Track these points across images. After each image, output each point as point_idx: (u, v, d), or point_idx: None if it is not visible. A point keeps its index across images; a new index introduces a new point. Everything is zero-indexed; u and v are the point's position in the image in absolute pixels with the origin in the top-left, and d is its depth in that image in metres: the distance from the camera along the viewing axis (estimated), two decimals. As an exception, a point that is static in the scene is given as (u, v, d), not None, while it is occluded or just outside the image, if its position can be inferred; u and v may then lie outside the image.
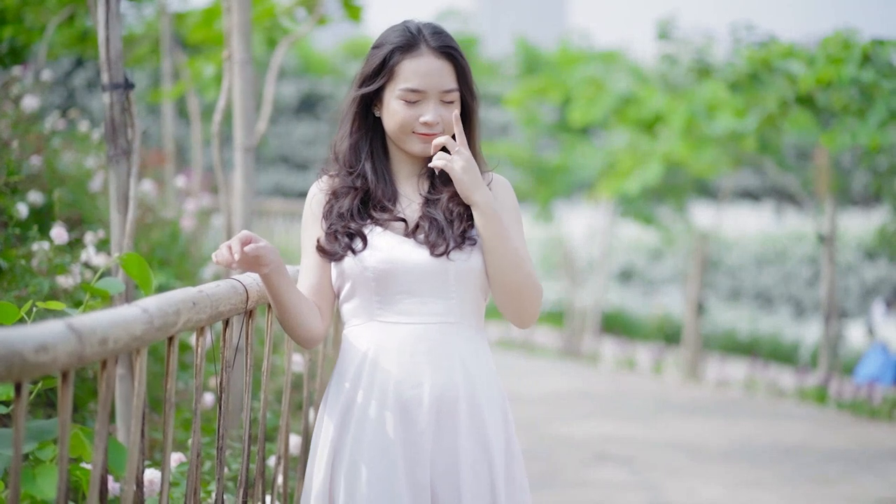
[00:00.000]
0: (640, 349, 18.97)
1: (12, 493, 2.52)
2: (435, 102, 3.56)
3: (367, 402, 3.55)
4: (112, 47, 5.11)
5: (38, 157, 8.22)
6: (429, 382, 3.52)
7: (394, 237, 3.57)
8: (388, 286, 3.55)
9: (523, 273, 3.51)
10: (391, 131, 3.60)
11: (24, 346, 2.41)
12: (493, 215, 3.49)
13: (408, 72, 3.55)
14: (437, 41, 3.58)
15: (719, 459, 9.99)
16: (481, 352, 3.62)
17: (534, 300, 3.56)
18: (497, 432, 3.57)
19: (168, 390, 3.38)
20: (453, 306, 3.56)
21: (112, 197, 5.13)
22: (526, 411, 12.88)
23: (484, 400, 3.56)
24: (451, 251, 3.52)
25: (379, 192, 3.62)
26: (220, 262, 3.44)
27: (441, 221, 3.56)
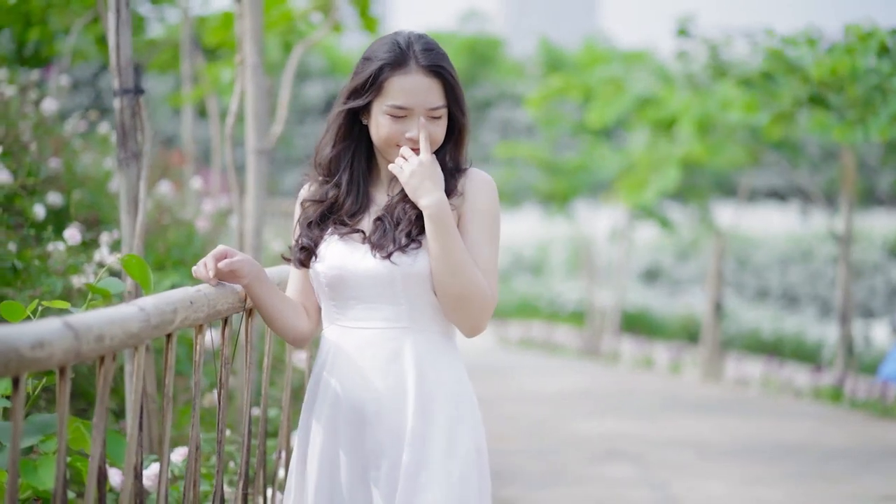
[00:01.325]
0: (661, 349, 19.04)
1: (10, 484, 2.64)
2: (421, 118, 3.58)
3: (323, 403, 3.68)
4: (122, 53, 5.24)
5: (58, 159, 8.36)
6: (379, 386, 3.59)
7: (347, 245, 3.62)
8: (340, 292, 3.64)
9: (465, 280, 3.51)
10: (377, 142, 3.64)
11: (20, 343, 2.52)
12: (438, 220, 3.49)
13: (395, 89, 3.56)
14: (426, 59, 3.59)
15: (727, 457, 10.09)
16: (442, 355, 3.64)
17: (477, 309, 3.54)
18: (452, 442, 3.56)
19: (166, 385, 3.51)
20: (402, 311, 3.59)
21: (122, 199, 5.27)
22: (539, 409, 13.02)
23: (437, 403, 3.58)
24: (394, 254, 3.54)
25: (347, 205, 3.68)
26: (198, 276, 3.59)
27: (387, 224, 3.59)
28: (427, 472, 3.53)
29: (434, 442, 3.55)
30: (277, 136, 7.41)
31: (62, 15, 14.60)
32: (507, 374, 16.53)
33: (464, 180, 3.67)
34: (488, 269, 3.59)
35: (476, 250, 3.59)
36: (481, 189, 3.66)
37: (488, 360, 18.57)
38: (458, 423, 3.60)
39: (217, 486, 3.87)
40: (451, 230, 3.50)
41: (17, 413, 2.65)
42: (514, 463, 9.79)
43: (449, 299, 3.54)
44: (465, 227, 3.61)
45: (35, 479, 3.21)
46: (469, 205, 3.62)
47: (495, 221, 3.66)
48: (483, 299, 3.54)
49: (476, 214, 3.62)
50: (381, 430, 3.60)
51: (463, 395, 3.65)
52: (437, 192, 3.51)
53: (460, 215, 3.62)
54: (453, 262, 3.49)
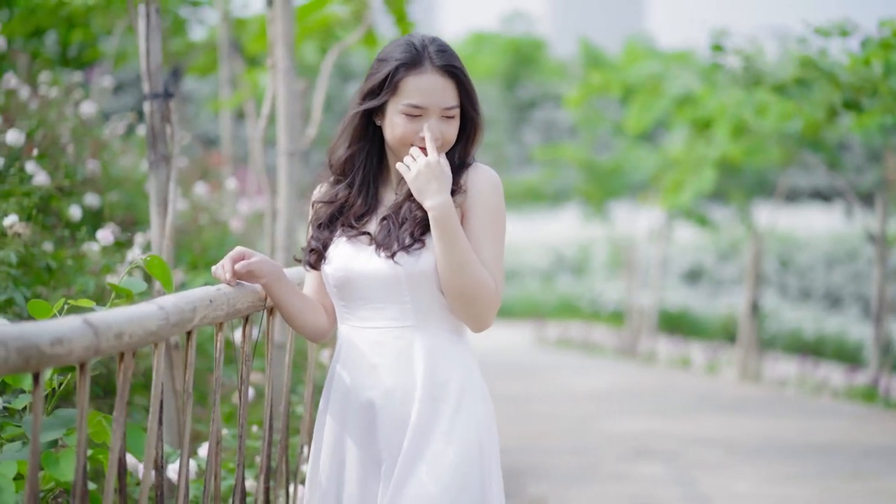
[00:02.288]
0: (699, 349, 19.06)
1: (31, 476, 2.76)
2: (436, 118, 3.64)
3: (336, 399, 3.77)
4: (152, 59, 5.38)
5: (95, 161, 8.50)
6: (386, 384, 3.67)
7: (354, 247, 3.69)
8: (347, 293, 3.71)
9: (469, 279, 3.56)
10: (391, 142, 3.68)
11: (40, 339, 2.64)
12: (442, 221, 3.54)
13: (411, 88, 3.62)
14: (440, 60, 3.65)
15: (756, 455, 10.15)
16: (447, 351, 3.69)
17: (483, 306, 3.61)
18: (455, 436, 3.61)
19: (186, 381, 3.64)
20: (408, 310, 3.65)
21: (152, 201, 5.41)
22: (574, 408, 13.12)
23: (446, 402, 3.64)
24: (398, 253, 3.60)
25: (356, 206, 3.74)
26: (217, 277, 3.71)
27: (392, 224, 3.65)
28: (423, 458, 3.59)
29: (434, 432, 3.61)
30: (312, 138, 7.52)
31: (104, 17, 14.73)
32: (544, 374, 16.62)
33: (467, 176, 3.71)
34: (493, 266, 3.63)
35: (480, 247, 3.63)
36: (485, 185, 3.69)
37: (526, 360, 18.67)
38: (461, 415, 3.63)
39: (238, 480, 3.98)
40: (455, 231, 3.55)
41: (38, 406, 2.76)
42: (547, 460, 9.90)
43: (455, 297, 3.59)
44: (469, 224, 3.65)
45: (57, 472, 3.33)
46: (472, 201, 3.67)
47: (499, 217, 3.70)
48: (488, 296, 3.60)
49: (479, 211, 3.66)
50: (389, 427, 3.66)
51: (470, 389, 3.69)
52: (442, 194, 3.56)
53: (464, 211, 3.66)
54: (458, 261, 3.54)
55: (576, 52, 30.89)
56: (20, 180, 6.33)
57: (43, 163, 6.93)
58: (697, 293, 25.91)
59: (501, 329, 25.08)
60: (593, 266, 28.86)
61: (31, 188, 6.10)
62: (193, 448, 5.53)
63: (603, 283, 26.74)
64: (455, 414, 3.63)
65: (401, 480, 3.59)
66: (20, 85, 8.16)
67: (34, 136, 7.71)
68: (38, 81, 9.30)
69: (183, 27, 16.25)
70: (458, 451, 3.60)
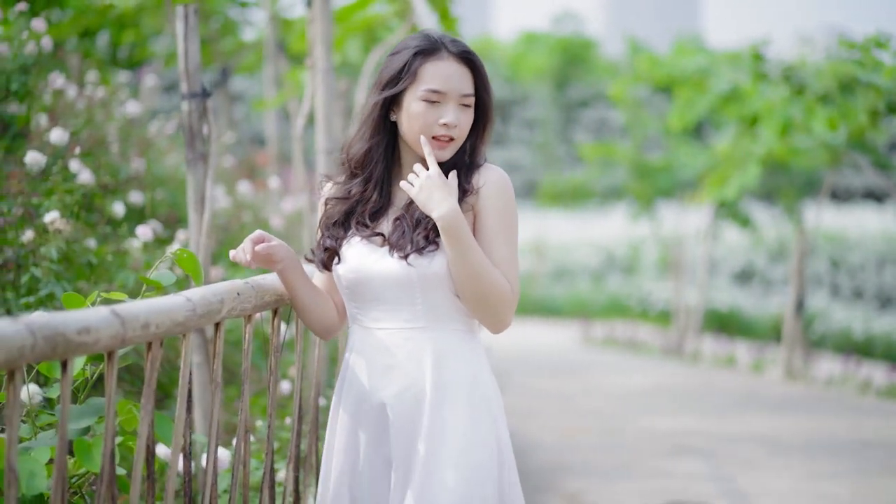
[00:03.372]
0: (746, 348, 19.05)
1: (58, 462, 2.87)
2: (454, 105, 3.66)
3: (348, 398, 3.80)
4: (190, 59, 5.50)
5: (141, 159, 8.65)
6: (397, 384, 3.68)
7: (367, 247, 3.71)
8: (359, 294, 3.73)
9: (484, 282, 3.58)
10: (410, 134, 3.69)
11: (67, 328, 2.74)
12: (451, 229, 3.55)
13: (430, 74, 3.65)
14: (456, 47, 3.69)
15: (796, 453, 10.19)
16: (461, 352, 3.71)
17: (499, 307, 3.63)
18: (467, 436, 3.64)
19: (215, 371, 3.75)
20: (419, 312, 3.66)
21: (190, 198, 5.53)
22: (616, 405, 13.19)
23: (457, 402, 3.66)
24: (412, 255, 3.61)
25: (369, 204, 3.76)
26: (237, 260, 3.78)
27: (407, 225, 3.67)
28: (442, 463, 3.60)
29: (449, 435, 3.62)
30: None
31: (154, 17, 14.90)
32: (588, 372, 16.68)
33: (478, 177, 3.71)
34: (506, 266, 3.65)
35: (493, 248, 3.65)
36: (495, 186, 3.70)
37: (570, 359, 18.74)
38: (474, 416, 3.66)
39: (266, 469, 4.10)
40: (465, 237, 3.57)
41: (65, 392, 2.88)
42: (586, 457, 9.97)
43: (471, 301, 3.62)
44: (481, 225, 3.68)
45: (87, 458, 3.45)
46: (484, 202, 3.68)
47: (511, 218, 3.70)
48: (504, 298, 3.62)
49: (491, 212, 3.68)
50: (401, 428, 3.68)
51: (481, 388, 3.71)
52: (446, 203, 3.57)
53: (476, 213, 3.68)
54: (471, 267, 3.57)
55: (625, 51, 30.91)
56: (64, 178, 6.48)
57: (87, 161, 7.08)
58: (749, 293, 25.85)
59: (548, 328, 25.15)
60: (643, 265, 28.85)
61: (74, 186, 6.23)
62: (229, 438, 5.64)
63: (652, 283, 26.74)
64: (468, 417, 3.65)
65: (422, 485, 3.60)
66: (67, 85, 8.31)
67: (80, 135, 7.86)
68: (85, 81, 9.45)
69: (233, 28, 16.42)
70: (475, 455, 3.63)
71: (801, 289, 16.41)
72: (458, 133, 3.69)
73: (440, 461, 3.61)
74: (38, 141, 7.16)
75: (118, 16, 14.83)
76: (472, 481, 3.60)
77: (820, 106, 13.04)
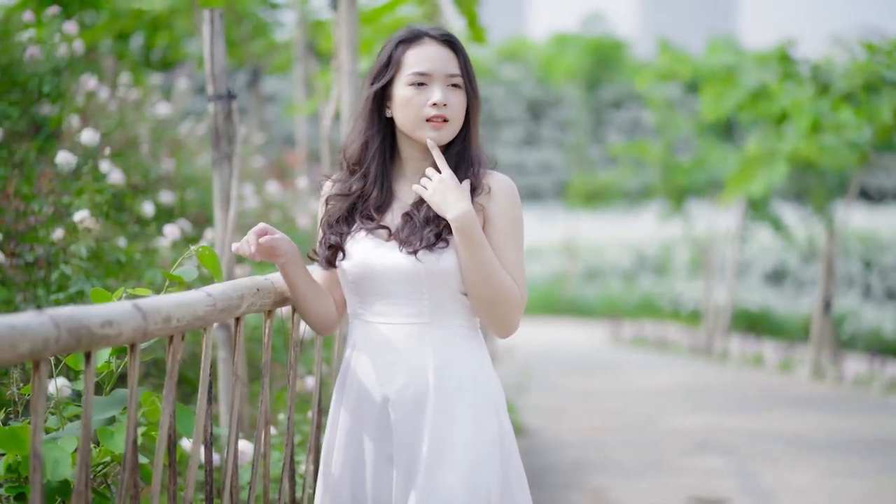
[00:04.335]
0: (776, 348, 19.09)
1: (82, 449, 3.00)
2: (441, 86, 3.69)
3: (350, 394, 3.80)
4: (216, 62, 5.63)
5: (171, 159, 8.80)
6: (400, 380, 3.70)
7: (373, 241, 3.73)
8: (364, 288, 3.74)
9: (495, 285, 3.62)
10: (404, 123, 3.73)
11: (90, 321, 2.85)
12: (465, 231, 3.59)
13: (413, 59, 3.70)
14: (437, 32, 3.74)
15: (818, 450, 10.28)
16: (464, 349, 3.73)
17: (508, 310, 3.66)
18: (470, 430, 3.66)
19: (236, 364, 3.87)
20: (425, 307, 3.68)
21: (216, 197, 5.66)
22: (642, 403, 13.29)
23: (461, 398, 3.68)
24: (421, 251, 3.64)
25: (372, 198, 3.78)
26: (240, 252, 3.82)
27: (418, 221, 3.69)
28: (446, 460, 3.62)
29: (453, 432, 3.64)
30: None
31: (187, 19, 15.03)
32: (616, 371, 16.78)
33: (487, 179, 3.76)
34: (515, 271, 3.69)
35: (503, 253, 3.69)
36: (506, 192, 3.75)
37: (599, 358, 18.83)
38: (477, 413, 3.69)
39: (286, 460, 4.22)
40: (479, 239, 3.61)
41: (89, 383, 3.00)
42: (611, 454, 10.09)
43: (481, 303, 3.65)
44: (491, 231, 3.70)
45: (111, 445, 3.58)
46: (494, 208, 3.72)
47: (519, 224, 3.76)
48: (513, 301, 3.66)
49: (500, 219, 3.72)
50: (403, 424, 3.69)
51: (483, 384, 3.74)
52: (460, 205, 3.61)
53: (486, 218, 3.72)
54: (483, 269, 3.61)
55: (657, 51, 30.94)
56: (94, 178, 6.63)
57: (118, 161, 7.23)
58: (781, 294, 25.87)
59: (578, 328, 25.24)
60: (675, 266, 28.90)
61: (104, 186, 6.37)
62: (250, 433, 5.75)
63: (684, 283, 26.79)
64: (471, 415, 3.68)
65: (426, 483, 3.62)
66: (100, 86, 8.46)
67: (111, 136, 8.01)
68: (118, 83, 9.60)
69: (264, 29, 16.56)
70: (479, 452, 3.65)
71: (828, 289, 16.44)
72: (451, 113, 3.71)
73: (444, 458, 3.63)
74: (69, 142, 7.31)
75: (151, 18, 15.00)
76: (476, 477, 3.63)
77: (844, 105, 13.09)
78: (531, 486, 8.65)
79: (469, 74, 3.76)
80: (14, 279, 5.87)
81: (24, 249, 5.93)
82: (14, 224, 6.05)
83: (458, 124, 3.75)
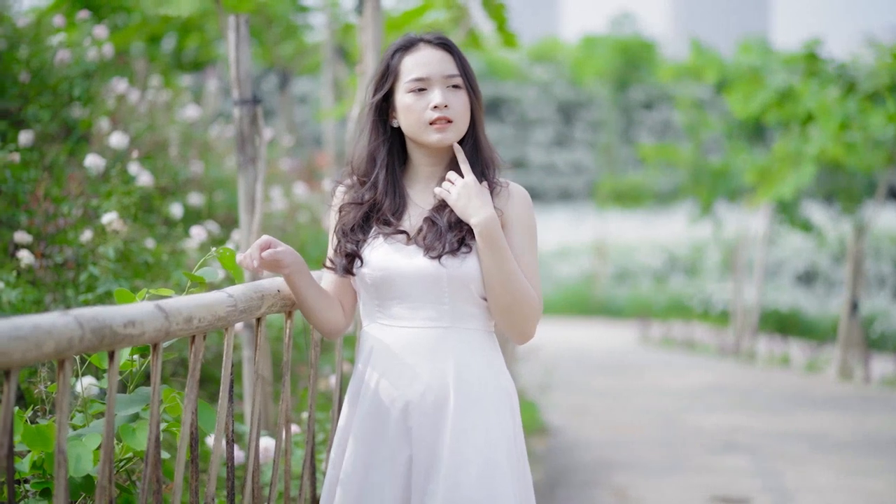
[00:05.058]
0: (803, 348, 19.09)
1: (106, 442, 3.10)
2: (440, 88, 3.72)
3: (366, 400, 3.79)
4: (241, 67, 5.73)
5: (200, 161, 8.91)
6: (420, 383, 3.71)
7: (392, 246, 3.75)
8: (385, 292, 3.76)
9: (515, 290, 3.66)
10: (409, 129, 3.77)
11: (113, 321, 2.95)
12: (489, 236, 3.64)
13: (410, 65, 3.74)
14: (431, 36, 3.78)
15: (842, 449, 10.34)
16: (481, 352, 3.77)
17: (527, 315, 3.71)
18: (493, 431, 3.71)
19: (257, 363, 3.97)
20: (446, 311, 3.72)
21: (241, 200, 5.76)
22: (668, 403, 13.37)
23: (480, 400, 3.71)
24: (445, 256, 3.67)
25: (386, 204, 3.80)
26: (244, 266, 3.83)
27: (441, 226, 3.72)
28: (468, 461, 3.65)
29: (475, 434, 3.68)
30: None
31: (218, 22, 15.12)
32: (643, 371, 16.85)
33: (505, 193, 3.79)
34: (533, 276, 3.75)
35: (521, 259, 3.74)
36: (523, 201, 3.81)
37: (627, 358, 18.89)
38: (496, 415, 3.73)
39: (306, 457, 4.31)
40: (501, 244, 3.66)
41: (112, 380, 3.10)
42: (635, 452, 10.17)
43: (501, 308, 3.69)
44: (510, 236, 3.75)
45: (134, 441, 3.68)
46: (512, 215, 3.76)
47: (535, 230, 3.81)
48: (532, 307, 3.71)
49: (517, 227, 3.76)
50: (421, 424, 3.72)
51: (501, 387, 3.79)
52: (484, 210, 3.66)
53: (504, 224, 3.76)
54: (505, 274, 3.65)
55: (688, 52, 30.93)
56: (123, 181, 6.74)
57: (147, 164, 7.34)
58: (812, 294, 25.86)
59: (607, 329, 25.28)
60: (705, 266, 28.90)
61: (133, 188, 6.47)
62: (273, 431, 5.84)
63: (714, 284, 26.79)
64: (492, 413, 3.73)
65: (447, 484, 3.66)
66: (130, 89, 8.58)
67: (141, 139, 8.13)
68: (148, 85, 9.71)
69: (295, 32, 16.67)
70: (494, 453, 3.69)
71: (856, 289, 16.46)
72: (454, 113, 3.74)
73: (466, 459, 3.66)
74: (98, 145, 7.43)
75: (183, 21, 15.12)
76: (495, 478, 3.67)
77: (870, 104, 13.13)
78: (555, 485, 8.77)
79: (468, 74, 3.79)
80: (44, 280, 5.99)
81: (54, 251, 6.05)
82: (44, 226, 6.17)
83: (464, 124, 3.78)
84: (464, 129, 3.79)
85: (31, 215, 6.25)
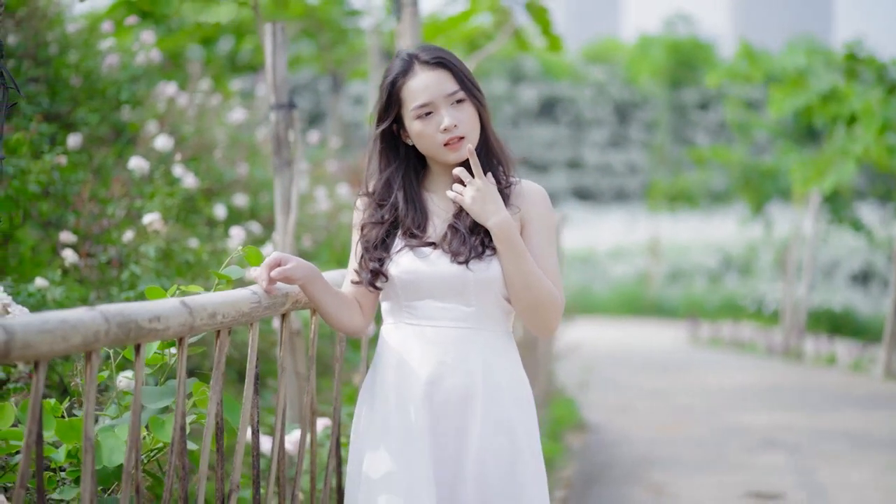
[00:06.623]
0: (851, 348, 19.09)
1: (132, 433, 3.28)
2: (445, 108, 3.77)
3: (395, 397, 3.83)
4: (278, 73, 5.92)
5: (245, 163, 9.11)
6: (448, 382, 3.78)
7: (418, 254, 3.82)
8: (413, 293, 3.82)
9: (536, 289, 3.73)
10: (425, 152, 3.84)
11: (139, 316, 3.12)
12: (505, 238, 3.71)
13: (411, 92, 3.78)
14: (427, 55, 3.80)
15: (880, 447, 10.42)
16: (504, 353, 3.86)
17: (550, 313, 3.77)
18: (518, 428, 3.81)
19: (281, 358, 4.14)
20: (472, 313, 3.79)
21: (276, 202, 5.94)
22: (710, 401, 13.48)
23: (505, 399, 3.80)
24: (471, 260, 3.74)
25: (409, 221, 3.85)
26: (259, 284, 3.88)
27: (464, 232, 3.78)
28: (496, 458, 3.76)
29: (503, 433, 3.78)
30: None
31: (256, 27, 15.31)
32: (688, 370, 16.95)
33: (520, 191, 3.87)
34: (553, 274, 3.81)
35: (541, 258, 3.80)
36: (542, 199, 3.88)
37: (674, 358, 18.98)
38: (520, 412, 3.84)
39: (332, 448, 4.49)
40: (519, 245, 3.73)
41: (139, 373, 3.27)
42: (673, 450, 10.30)
43: (524, 308, 3.76)
44: (528, 236, 3.82)
45: (162, 433, 3.86)
46: (528, 215, 3.83)
47: (553, 229, 3.88)
48: (555, 304, 3.77)
49: (536, 225, 3.84)
50: (449, 423, 3.79)
51: (523, 383, 3.89)
52: (500, 213, 3.74)
53: (522, 223, 3.83)
54: (524, 274, 3.73)
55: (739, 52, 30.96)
56: (168, 182, 6.96)
57: (192, 166, 7.55)
58: (868, 295, 25.83)
59: (658, 328, 25.34)
60: (759, 266, 28.89)
61: (177, 189, 6.68)
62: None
63: (768, 284, 26.79)
64: (518, 411, 3.83)
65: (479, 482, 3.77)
66: (179, 93, 8.80)
67: (187, 141, 8.34)
68: (197, 89, 9.92)
69: (345, 36, 16.86)
70: (526, 445, 3.82)
71: (900, 290, 16.47)
72: (464, 130, 3.78)
73: (495, 453, 3.77)
74: (144, 147, 7.65)
75: (237, 24, 15.33)
76: (526, 473, 3.80)
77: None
78: (592, 480, 8.92)
79: (467, 84, 3.82)
80: (89, 278, 6.20)
81: (99, 250, 6.27)
82: (89, 226, 6.39)
83: (476, 133, 3.82)
84: (476, 137, 3.83)
85: (78, 216, 6.47)
